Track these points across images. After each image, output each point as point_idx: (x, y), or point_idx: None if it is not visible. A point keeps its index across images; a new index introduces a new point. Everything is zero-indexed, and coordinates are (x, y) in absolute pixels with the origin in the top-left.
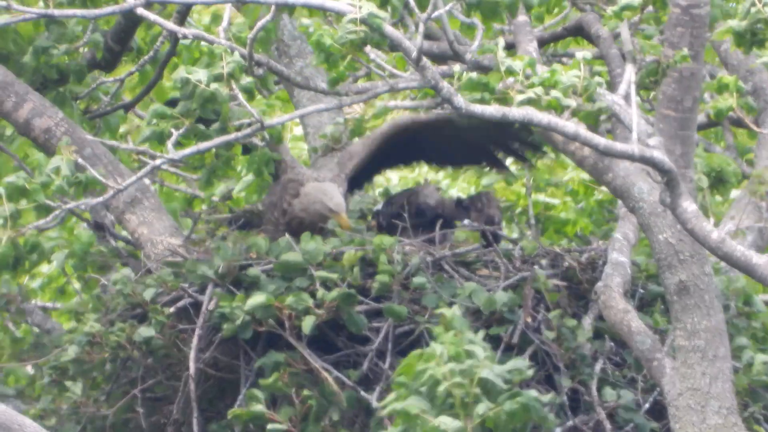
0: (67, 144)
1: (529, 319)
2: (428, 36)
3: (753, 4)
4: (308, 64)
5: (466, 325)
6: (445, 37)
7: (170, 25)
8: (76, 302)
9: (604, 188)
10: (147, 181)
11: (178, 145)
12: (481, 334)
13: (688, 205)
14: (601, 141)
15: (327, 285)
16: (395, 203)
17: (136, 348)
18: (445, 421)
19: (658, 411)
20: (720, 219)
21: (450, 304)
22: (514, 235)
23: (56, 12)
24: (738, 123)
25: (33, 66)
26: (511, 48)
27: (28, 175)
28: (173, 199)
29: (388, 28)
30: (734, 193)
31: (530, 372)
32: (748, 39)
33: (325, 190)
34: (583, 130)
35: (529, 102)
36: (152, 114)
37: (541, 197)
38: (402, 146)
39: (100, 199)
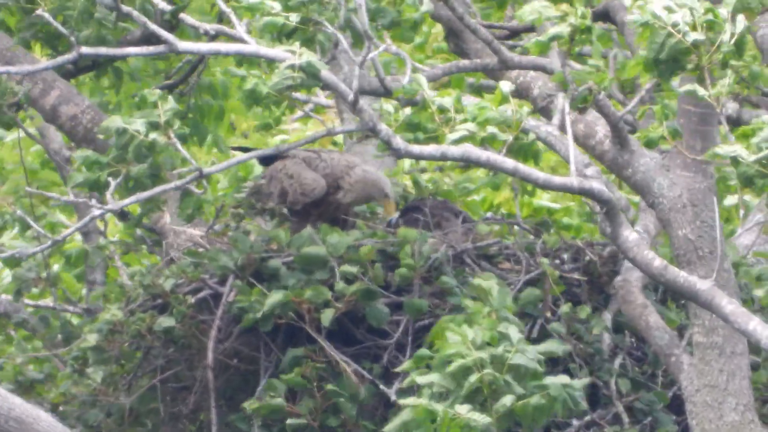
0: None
1: (548, 314)
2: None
3: (670, 36)
4: None
5: (504, 300)
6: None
7: (190, 20)
8: (100, 291)
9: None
10: None
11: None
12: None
13: (629, 234)
14: (540, 175)
15: (348, 278)
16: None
17: (156, 338)
18: (474, 417)
19: (678, 406)
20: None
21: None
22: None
23: None
24: (736, 122)
25: None
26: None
27: None
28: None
29: (325, 74)
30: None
31: (562, 351)
32: (666, 68)
33: (380, 176)
34: (521, 166)
35: (463, 139)
36: (85, 161)
37: (545, 202)
38: None
39: (37, 249)
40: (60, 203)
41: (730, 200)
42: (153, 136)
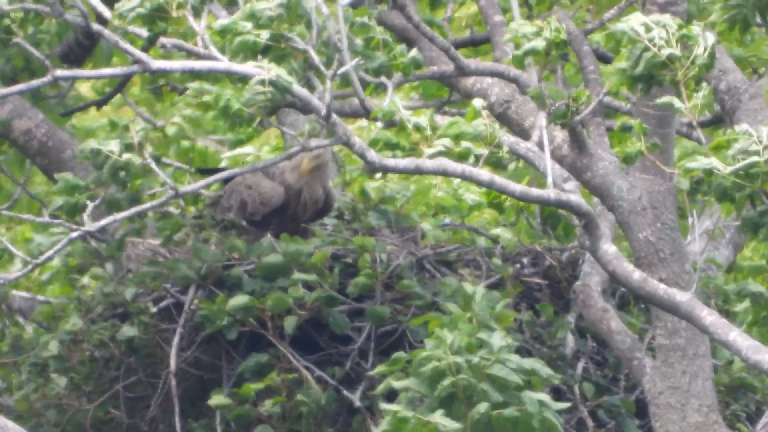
0: None
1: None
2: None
3: (646, 49)
4: None
5: (488, 306)
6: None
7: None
8: (55, 304)
9: None
10: None
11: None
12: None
13: (608, 248)
14: (517, 188)
15: (309, 285)
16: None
17: (117, 347)
18: (444, 422)
19: (641, 409)
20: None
21: (433, 303)
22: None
23: None
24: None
25: None
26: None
27: None
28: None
29: (297, 88)
30: None
31: (546, 375)
32: (644, 84)
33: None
34: (497, 178)
35: (440, 154)
36: (64, 186)
37: None
38: None
39: (17, 274)
40: (37, 224)
41: None
42: (127, 156)
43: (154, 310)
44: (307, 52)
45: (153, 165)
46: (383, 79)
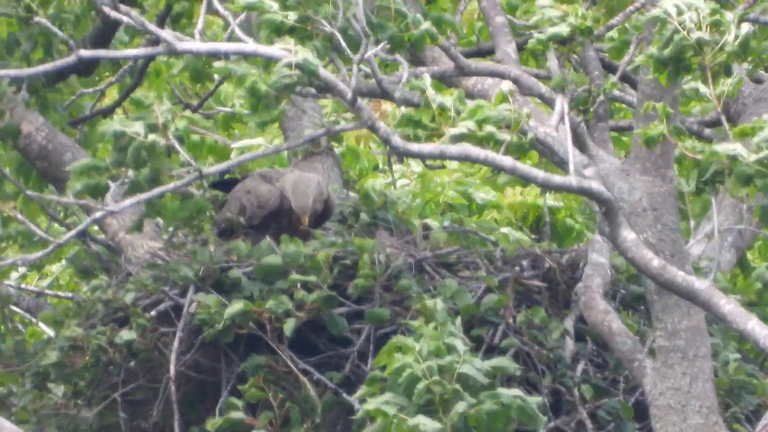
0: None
1: (510, 320)
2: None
3: (677, 32)
4: None
5: (447, 317)
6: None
7: (152, 26)
8: (56, 310)
9: None
10: None
11: None
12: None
13: (628, 234)
14: (539, 174)
15: (307, 287)
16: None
17: (117, 351)
18: (424, 422)
19: (641, 411)
20: (699, 221)
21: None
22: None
23: None
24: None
25: None
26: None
27: None
28: None
29: (323, 72)
30: None
31: (513, 369)
32: (673, 67)
33: (304, 188)
34: (520, 164)
35: (462, 137)
36: (83, 168)
37: (550, 201)
38: None
39: (38, 254)
40: (60, 204)
41: None
42: (152, 137)
43: (152, 313)
44: (334, 35)
45: (177, 145)
46: (397, 56)
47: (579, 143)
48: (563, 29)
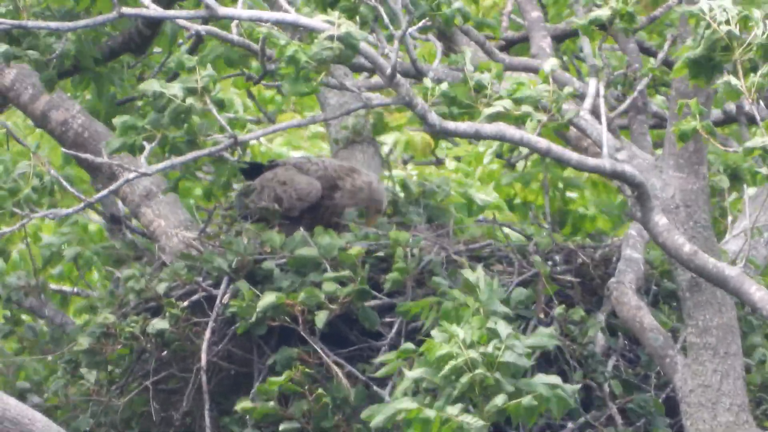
0: (37, 148)
1: (541, 315)
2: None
3: (708, 27)
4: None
5: (492, 293)
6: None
7: (182, 21)
8: (92, 296)
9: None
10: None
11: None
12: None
13: (660, 219)
14: (573, 156)
15: (341, 280)
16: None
17: (149, 340)
18: (467, 419)
19: (671, 408)
20: (736, 217)
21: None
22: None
23: (29, 23)
24: (753, 120)
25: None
26: (524, 41)
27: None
28: (189, 195)
29: (364, 46)
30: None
31: (552, 345)
32: (706, 67)
33: (383, 189)
34: (555, 146)
35: (498, 116)
36: (122, 126)
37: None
38: None
39: (71, 209)
40: (94, 163)
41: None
42: (190, 101)
43: (185, 304)
44: (377, 8)
45: (214, 110)
46: (431, 36)
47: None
48: (604, 13)
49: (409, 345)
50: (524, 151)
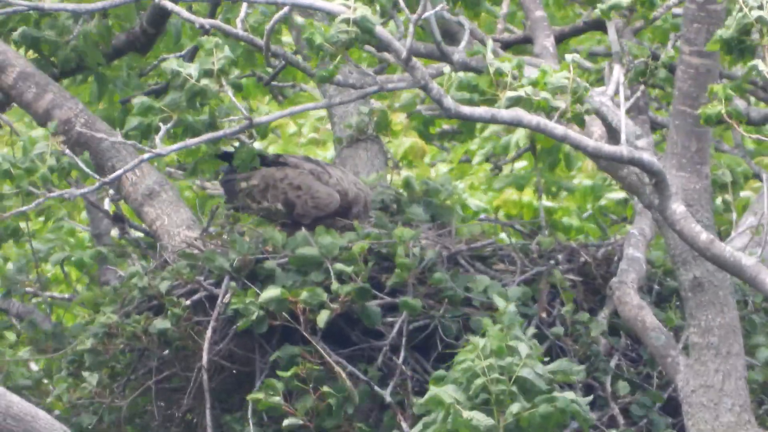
0: (55, 129)
1: (544, 315)
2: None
3: (740, 10)
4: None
5: (516, 321)
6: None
7: (186, 14)
8: (94, 293)
9: (608, 195)
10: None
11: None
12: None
13: (677, 207)
14: (590, 143)
15: (342, 278)
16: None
17: (151, 339)
18: (477, 416)
19: (673, 407)
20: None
21: (465, 299)
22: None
23: (46, 5)
24: (749, 122)
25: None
26: (527, 42)
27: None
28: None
29: (379, 29)
30: (743, 194)
31: (576, 372)
32: (736, 48)
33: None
34: (572, 133)
35: (518, 102)
36: (139, 107)
37: (547, 202)
38: None
39: (85, 189)
40: (109, 144)
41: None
42: (204, 82)
43: (187, 303)
44: None
45: (230, 92)
46: (461, 18)
47: (615, 139)
48: (623, 0)
49: (441, 372)
50: (511, 154)
